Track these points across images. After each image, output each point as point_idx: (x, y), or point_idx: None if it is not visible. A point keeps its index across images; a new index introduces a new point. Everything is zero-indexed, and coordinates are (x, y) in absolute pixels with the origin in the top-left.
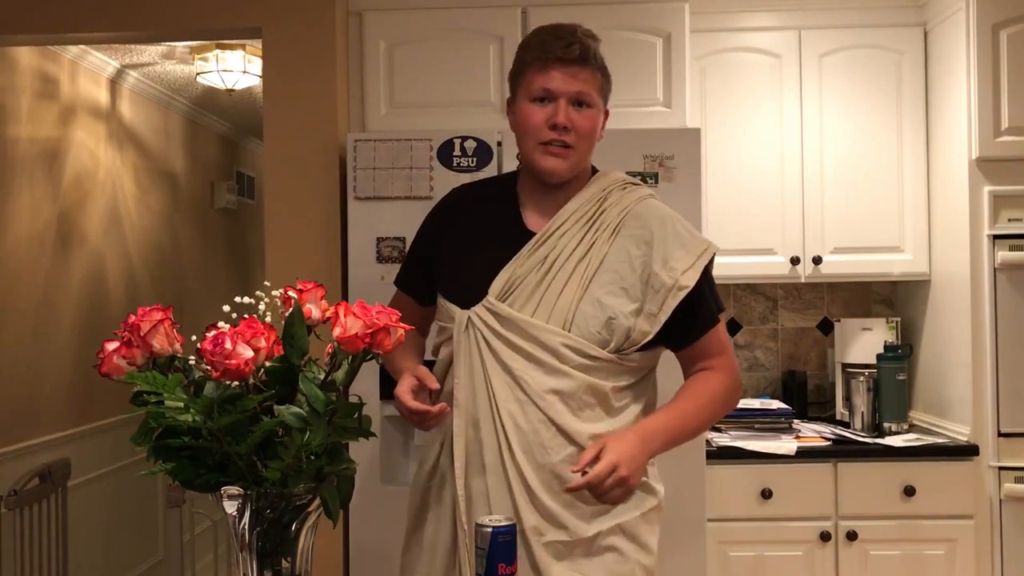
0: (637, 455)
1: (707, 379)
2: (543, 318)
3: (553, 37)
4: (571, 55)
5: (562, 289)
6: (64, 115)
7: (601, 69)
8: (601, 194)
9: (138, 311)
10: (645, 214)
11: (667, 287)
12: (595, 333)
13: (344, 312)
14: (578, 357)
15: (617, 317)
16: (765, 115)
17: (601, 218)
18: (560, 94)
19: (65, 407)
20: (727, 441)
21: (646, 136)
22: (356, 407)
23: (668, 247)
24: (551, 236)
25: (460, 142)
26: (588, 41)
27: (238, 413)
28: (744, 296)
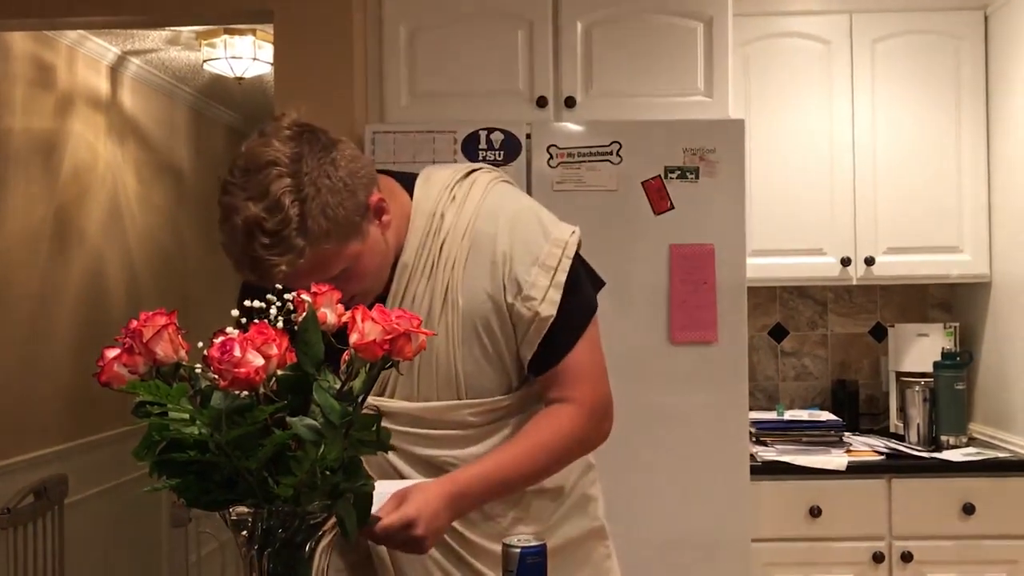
0: (441, 513)
1: (555, 416)
2: (429, 396)
3: (235, 260)
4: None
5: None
6: (61, 105)
7: (307, 242)
8: (432, 223)
9: (140, 315)
10: (487, 226)
11: (527, 319)
12: (494, 385)
13: (361, 317)
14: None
15: (503, 356)
16: (814, 105)
17: (445, 252)
18: None
19: (61, 419)
20: (773, 456)
21: (686, 128)
22: (374, 419)
23: (517, 268)
24: (401, 300)
25: (486, 134)
26: (266, 260)
27: (248, 425)
28: (791, 300)
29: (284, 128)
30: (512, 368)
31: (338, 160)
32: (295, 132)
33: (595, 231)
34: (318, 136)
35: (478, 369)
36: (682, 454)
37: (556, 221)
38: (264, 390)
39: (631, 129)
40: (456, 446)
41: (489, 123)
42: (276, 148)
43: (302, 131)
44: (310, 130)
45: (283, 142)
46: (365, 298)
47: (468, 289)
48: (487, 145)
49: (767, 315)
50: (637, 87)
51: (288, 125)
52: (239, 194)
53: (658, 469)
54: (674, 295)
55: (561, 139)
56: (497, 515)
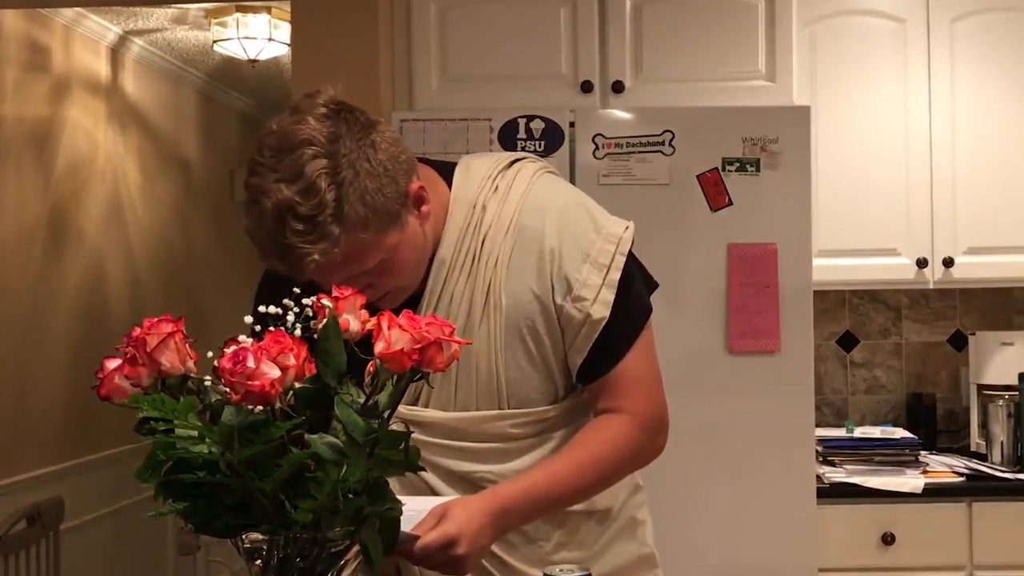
0: (484, 531)
1: (605, 428)
2: (468, 406)
3: (262, 247)
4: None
5: (475, 364)
6: (57, 90)
7: (342, 230)
8: (473, 215)
9: (144, 323)
10: (534, 220)
11: (578, 322)
12: (538, 394)
13: (388, 324)
14: (533, 427)
15: (550, 363)
16: (886, 90)
17: (487, 248)
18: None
19: (57, 436)
20: (842, 477)
21: (746, 115)
22: (402, 436)
23: (567, 265)
24: (438, 300)
25: (525, 122)
26: (298, 248)
27: (262, 443)
28: (861, 305)
29: (320, 105)
30: (559, 375)
31: (378, 143)
32: (332, 110)
33: (645, 229)
34: (356, 116)
35: (522, 376)
36: (741, 475)
37: (608, 215)
38: (280, 405)
39: (685, 117)
40: (495, 460)
41: (528, 110)
42: (311, 126)
43: (339, 109)
44: (348, 109)
45: (319, 120)
46: (399, 296)
47: (512, 288)
48: (526, 134)
49: (835, 322)
50: (692, 70)
51: (324, 103)
52: (269, 175)
53: (714, 491)
54: (732, 299)
55: (608, 128)
56: (540, 538)
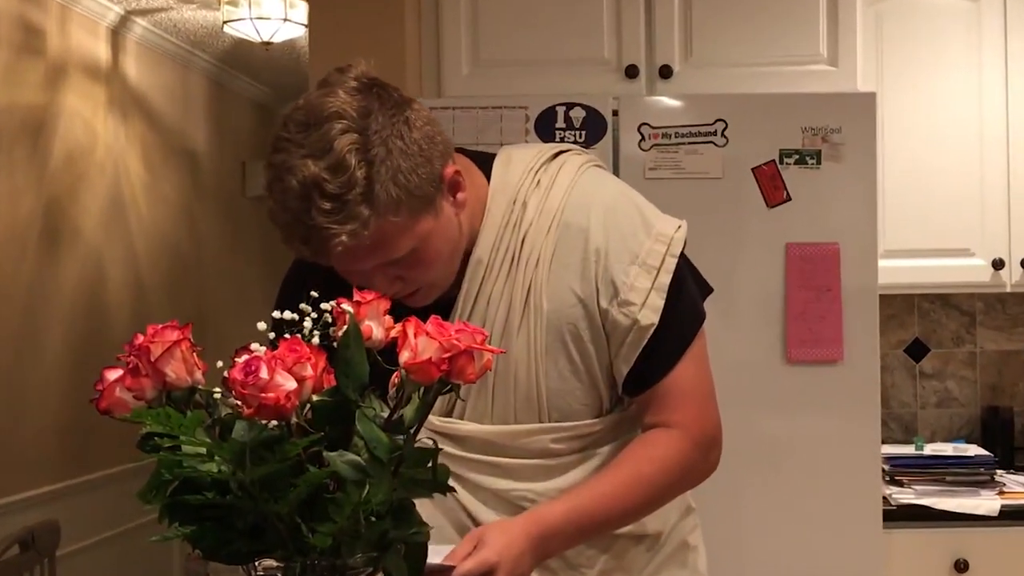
0: (524, 557)
1: (654, 444)
2: (506, 418)
3: (286, 229)
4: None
5: (514, 373)
6: (52, 75)
7: (372, 212)
8: (512, 211)
9: (147, 329)
10: (578, 217)
11: (624, 328)
12: (581, 406)
13: (414, 331)
14: (576, 443)
15: (594, 372)
16: (959, 76)
17: (528, 247)
18: (355, 274)
19: (52, 454)
20: (911, 498)
21: (805, 103)
22: (430, 453)
23: (613, 267)
24: (474, 302)
25: (564, 111)
26: (324, 228)
27: (277, 462)
28: (932, 310)
29: (351, 79)
30: (604, 386)
31: (412, 120)
32: (364, 84)
33: (696, 227)
34: (390, 92)
35: (564, 386)
36: (800, 496)
37: (659, 213)
38: (296, 420)
39: (739, 104)
40: (535, 478)
41: (568, 97)
42: (342, 99)
43: (372, 84)
44: (381, 85)
45: (350, 94)
46: (429, 293)
47: (554, 291)
48: (565, 124)
49: (903, 329)
50: (746, 53)
51: (356, 76)
52: (296, 151)
53: (771, 514)
54: (791, 304)
55: (655, 117)
56: (583, 564)
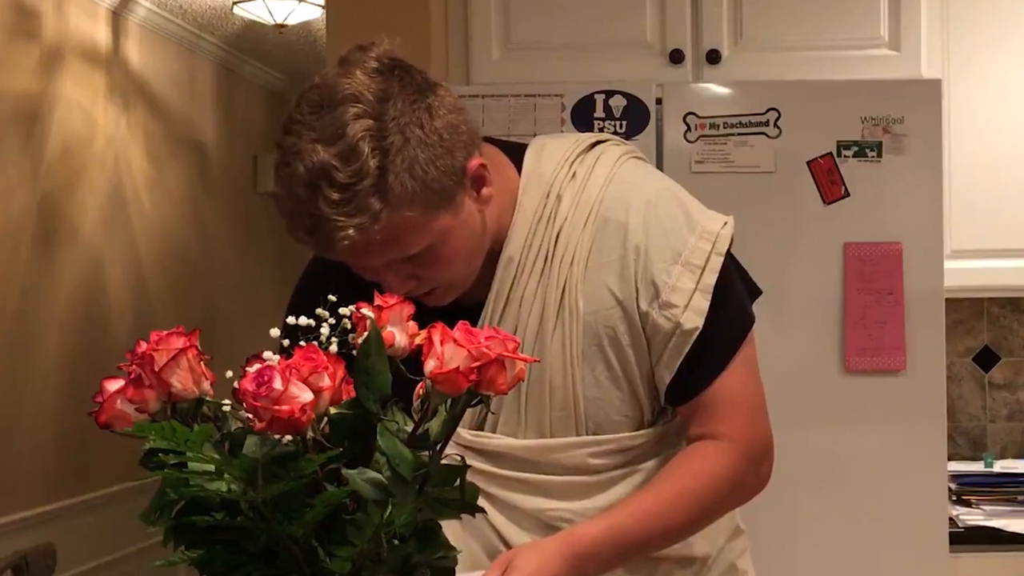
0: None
1: (700, 458)
2: (541, 431)
3: (290, 218)
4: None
5: (549, 380)
6: (47, 60)
7: (384, 205)
8: (546, 206)
9: (151, 336)
10: (616, 212)
11: (666, 333)
12: (621, 417)
13: (441, 338)
14: (617, 457)
15: (635, 380)
16: None
17: (562, 244)
18: (365, 269)
19: (48, 472)
20: (980, 519)
21: (865, 90)
22: (457, 471)
23: (654, 266)
24: (506, 304)
25: (604, 99)
26: (330, 220)
27: (291, 480)
28: (1003, 315)
29: (372, 59)
30: (646, 395)
31: (435, 108)
32: (385, 65)
33: (746, 225)
34: (413, 75)
35: (602, 395)
36: (859, 517)
37: (703, 208)
38: (313, 434)
39: (793, 92)
40: (572, 497)
41: (608, 84)
42: (359, 81)
43: (394, 66)
44: (404, 67)
45: (368, 75)
46: (447, 294)
47: (591, 291)
48: (605, 113)
49: (972, 336)
50: (801, 37)
51: (377, 56)
52: (306, 134)
53: (827, 536)
54: (849, 309)
55: (702, 105)
56: None
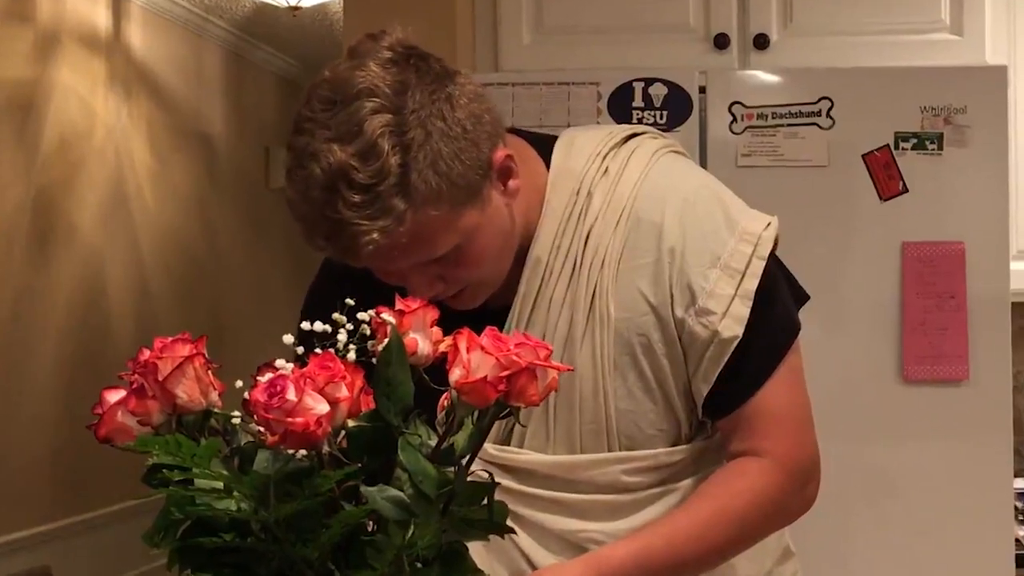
0: None
1: (740, 475)
2: (571, 446)
3: (307, 224)
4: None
5: (579, 391)
6: (43, 46)
7: (408, 204)
8: (576, 203)
9: (155, 343)
10: (651, 211)
11: (704, 341)
12: (656, 431)
13: (467, 345)
14: (652, 475)
15: (670, 392)
16: None
17: (593, 244)
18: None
19: (44, 490)
20: None
21: (925, 78)
22: (485, 488)
23: (691, 269)
24: (532, 309)
25: (643, 87)
26: (352, 224)
27: (306, 498)
28: None
29: (384, 49)
30: (683, 409)
31: (456, 97)
32: (400, 55)
33: (795, 224)
34: (430, 63)
35: (635, 407)
36: (917, 537)
37: (745, 208)
38: (329, 449)
39: (847, 80)
40: (604, 517)
41: (647, 71)
42: (373, 73)
43: (409, 55)
44: (419, 55)
45: (383, 67)
46: (478, 294)
47: (623, 295)
48: (644, 102)
49: None
50: (856, 21)
51: (390, 46)
52: (320, 133)
53: (883, 559)
54: (908, 314)
55: (749, 94)
56: None
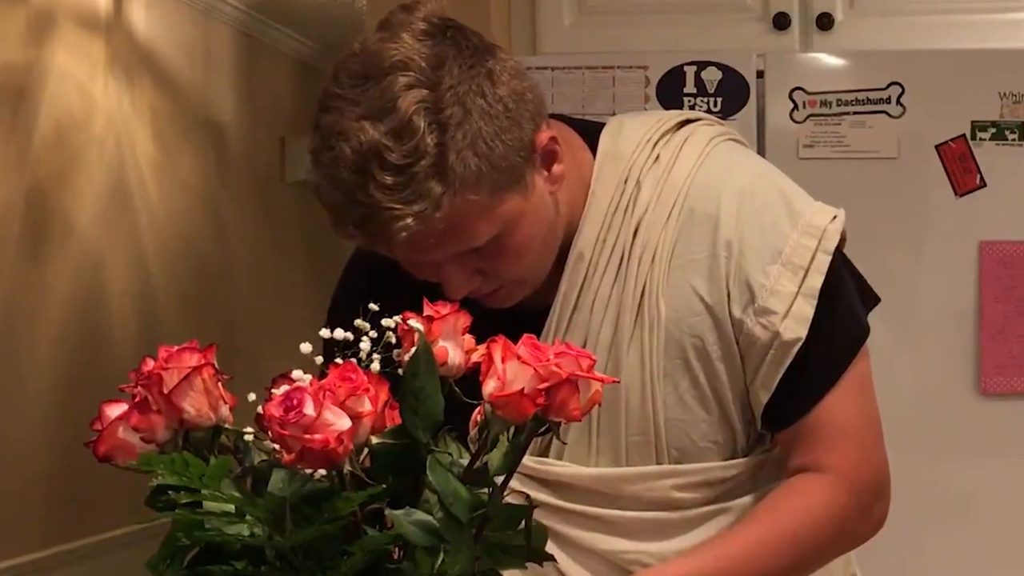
0: None
1: (800, 493)
2: (615, 458)
3: (336, 210)
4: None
5: (625, 398)
6: (36, 26)
7: (446, 188)
8: (623, 194)
9: (160, 352)
10: (705, 203)
11: (763, 344)
12: (709, 443)
13: (503, 354)
14: (705, 491)
15: (725, 399)
16: None
17: (642, 238)
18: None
19: (38, 513)
20: None
21: (1004, 61)
22: (522, 511)
23: (749, 265)
24: (575, 309)
25: (695, 71)
26: (385, 209)
27: (326, 523)
28: None
29: (419, 20)
30: (739, 419)
31: (497, 73)
32: (436, 27)
33: (861, 220)
34: (468, 36)
35: (687, 416)
36: (996, 563)
37: (809, 199)
38: (351, 468)
39: (919, 63)
40: (651, 536)
41: (700, 54)
42: (407, 46)
43: (445, 26)
44: (457, 27)
45: (418, 39)
46: (516, 293)
47: (674, 294)
48: (696, 88)
49: None
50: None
51: (425, 17)
52: (350, 110)
53: None
54: (985, 320)
55: (811, 79)
56: None
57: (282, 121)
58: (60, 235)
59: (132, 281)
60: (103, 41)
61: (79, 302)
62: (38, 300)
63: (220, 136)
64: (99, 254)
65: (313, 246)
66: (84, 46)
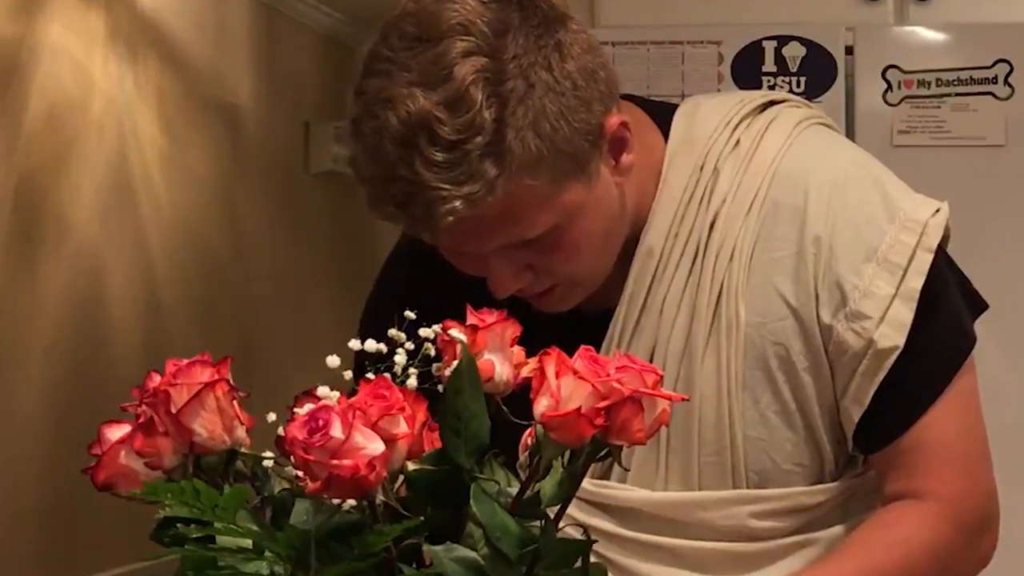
0: None
1: (896, 523)
2: (686, 482)
3: (375, 186)
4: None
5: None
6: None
7: (501, 170)
8: (699, 183)
9: (167, 366)
10: (791, 194)
11: (856, 353)
12: (793, 466)
13: (557, 368)
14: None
15: (812, 415)
16: None
17: (719, 233)
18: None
19: (28, 549)
20: None
21: None
22: (579, 547)
23: (840, 264)
24: (643, 311)
25: (775, 47)
26: (432, 188)
27: (356, 559)
28: None
29: None
30: (827, 438)
31: (567, 45)
32: None
33: (966, 214)
34: (537, 2)
35: (769, 435)
36: None
37: (908, 191)
38: (384, 498)
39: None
40: (725, 570)
41: (780, 28)
42: (469, 7)
43: None
44: None
45: (481, 0)
46: (570, 295)
47: (756, 296)
48: (777, 66)
49: None
50: None
51: None
52: (399, 75)
53: None
54: None
55: (907, 56)
56: None
57: (306, 104)
58: (54, 233)
59: (135, 285)
60: (103, 12)
61: (75, 309)
62: (29, 307)
63: (236, 121)
64: (98, 255)
65: (341, 246)
66: (81, 19)
